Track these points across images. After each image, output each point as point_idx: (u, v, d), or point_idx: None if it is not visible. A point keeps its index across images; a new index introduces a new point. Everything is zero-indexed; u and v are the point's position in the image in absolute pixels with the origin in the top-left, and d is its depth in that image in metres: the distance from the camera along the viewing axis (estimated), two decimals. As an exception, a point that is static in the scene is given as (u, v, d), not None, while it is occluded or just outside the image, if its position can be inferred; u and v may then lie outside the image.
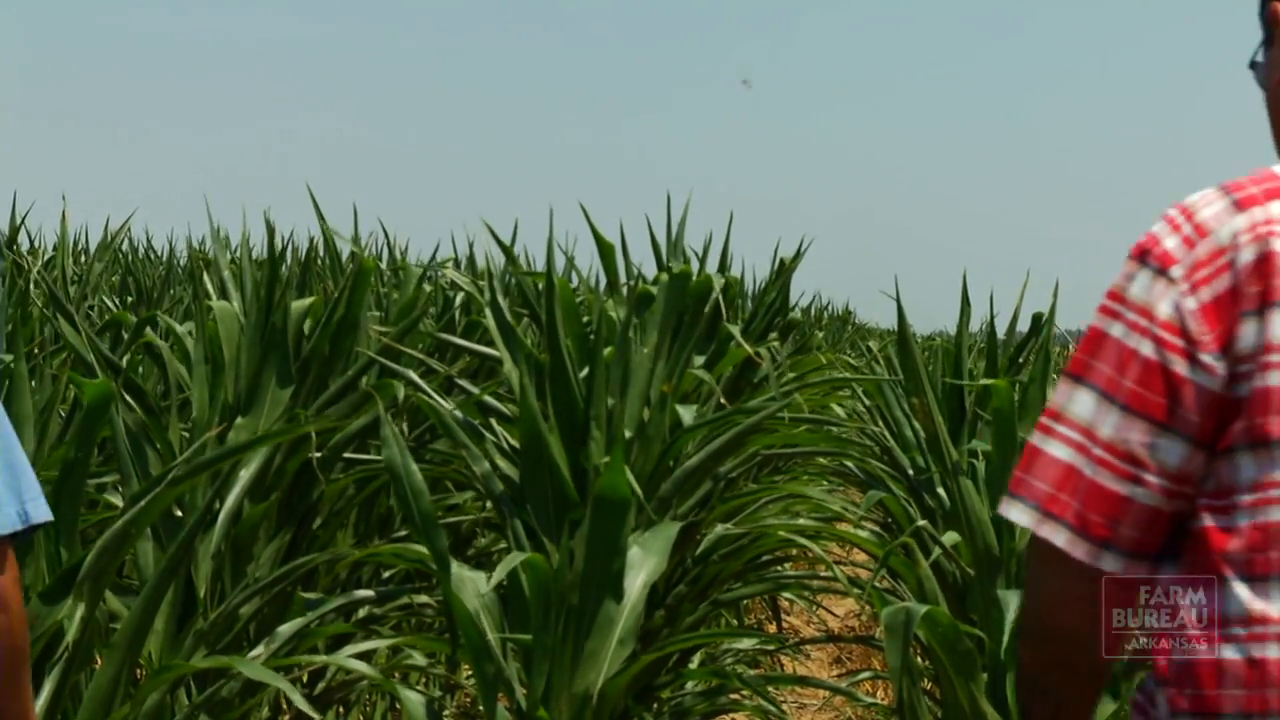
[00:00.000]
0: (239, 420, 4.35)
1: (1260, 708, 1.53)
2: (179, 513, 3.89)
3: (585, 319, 5.23)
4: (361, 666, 3.25)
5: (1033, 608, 1.67)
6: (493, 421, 4.27)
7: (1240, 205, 1.58)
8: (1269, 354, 1.52)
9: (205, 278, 5.05)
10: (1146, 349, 1.57)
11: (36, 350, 5.16)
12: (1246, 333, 1.54)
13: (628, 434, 4.05)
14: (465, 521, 5.37)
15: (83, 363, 4.17)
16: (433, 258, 8.51)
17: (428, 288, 7.12)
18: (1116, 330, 1.59)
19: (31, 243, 9.75)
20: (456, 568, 3.42)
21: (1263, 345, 1.53)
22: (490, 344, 4.91)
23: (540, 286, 5.52)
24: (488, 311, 4.27)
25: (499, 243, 6.11)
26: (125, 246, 9.84)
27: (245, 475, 4.11)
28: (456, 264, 8.36)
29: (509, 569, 3.29)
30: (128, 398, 4.11)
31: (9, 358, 4.14)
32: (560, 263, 6.64)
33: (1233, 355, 1.54)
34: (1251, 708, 1.53)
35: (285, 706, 4.86)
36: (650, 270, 6.06)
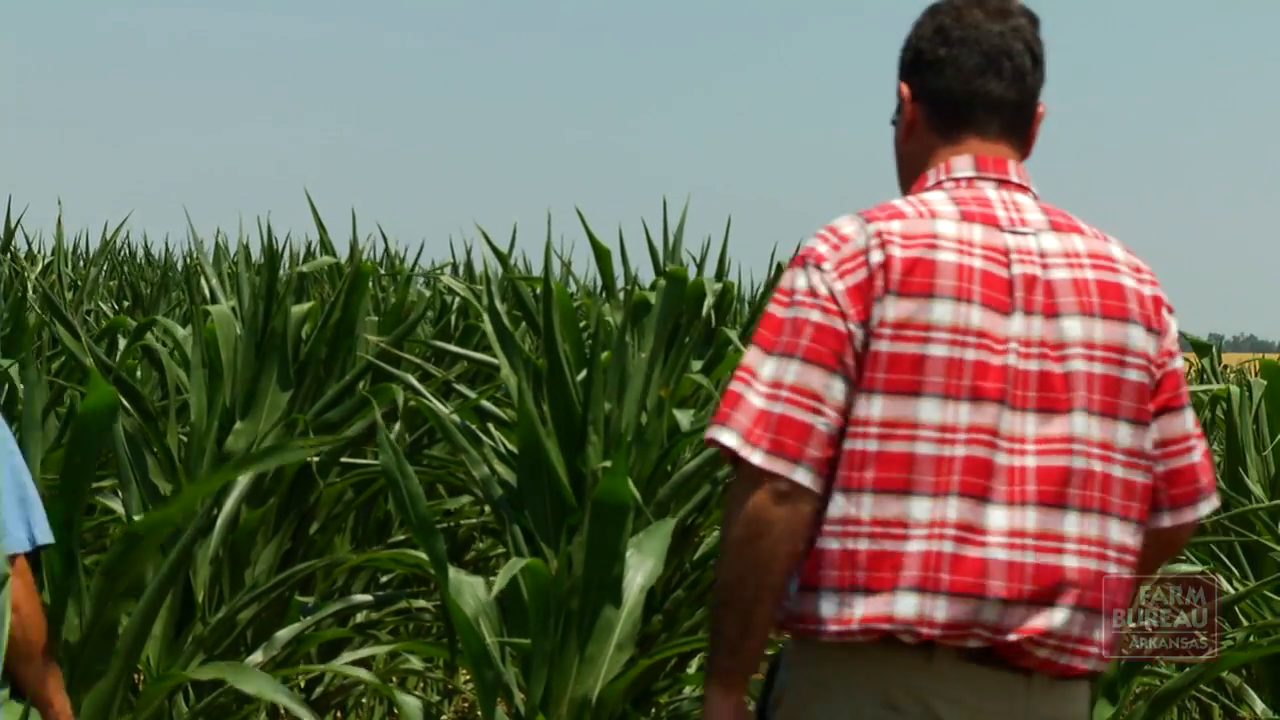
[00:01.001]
0: (237, 425, 4.34)
1: (849, 584, 2.12)
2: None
3: (582, 324, 5.22)
4: (359, 673, 3.25)
5: (736, 520, 2.14)
6: (490, 426, 4.27)
7: (869, 221, 2.19)
8: (882, 328, 2.13)
9: (202, 282, 5.05)
10: (816, 316, 2.15)
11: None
12: (875, 311, 2.14)
13: (625, 439, 4.05)
14: (463, 526, 5.37)
15: (80, 367, 4.17)
16: (418, 258, 8.51)
17: (426, 292, 7.12)
18: (790, 312, 2.17)
19: (30, 247, 9.75)
20: (455, 573, 3.41)
21: (880, 321, 2.13)
22: (487, 349, 4.91)
23: (537, 291, 5.52)
24: (485, 317, 4.26)
25: (495, 250, 6.11)
26: (124, 251, 9.84)
27: (243, 481, 4.11)
28: (455, 269, 8.36)
29: (510, 576, 3.29)
30: (124, 403, 4.10)
31: (8, 363, 4.14)
32: (556, 268, 6.63)
33: (867, 327, 2.14)
34: (841, 584, 2.12)
35: (283, 711, 4.86)
36: (648, 274, 6.06)
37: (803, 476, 2.11)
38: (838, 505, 2.14)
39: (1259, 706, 4.51)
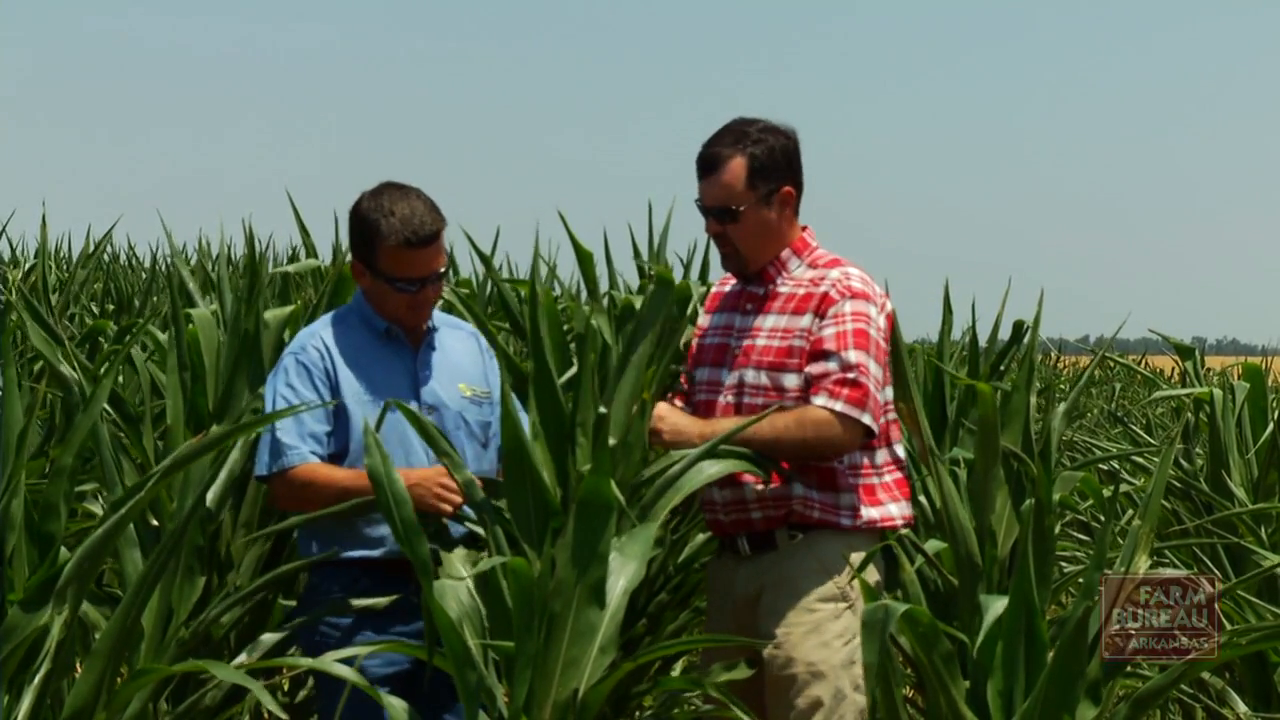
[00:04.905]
0: (214, 429, 4.31)
1: (905, 497, 3.99)
2: (155, 522, 3.87)
3: (566, 327, 5.22)
4: (344, 671, 3.23)
5: (823, 439, 3.82)
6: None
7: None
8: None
9: (181, 286, 5.01)
10: (883, 343, 3.87)
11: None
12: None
13: (611, 441, 4.04)
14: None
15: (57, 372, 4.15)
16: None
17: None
18: (874, 334, 3.86)
19: (13, 251, 9.73)
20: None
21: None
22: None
23: (522, 295, 5.50)
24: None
25: (478, 252, 6.11)
26: (108, 254, 9.81)
27: (223, 479, 4.10)
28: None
29: (490, 567, 3.29)
30: (106, 407, 4.08)
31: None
32: (542, 271, 6.62)
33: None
34: (903, 495, 3.98)
35: (266, 716, 4.85)
36: (634, 278, 6.06)
37: (875, 426, 3.88)
38: (893, 453, 3.97)
39: (1241, 708, 4.51)
